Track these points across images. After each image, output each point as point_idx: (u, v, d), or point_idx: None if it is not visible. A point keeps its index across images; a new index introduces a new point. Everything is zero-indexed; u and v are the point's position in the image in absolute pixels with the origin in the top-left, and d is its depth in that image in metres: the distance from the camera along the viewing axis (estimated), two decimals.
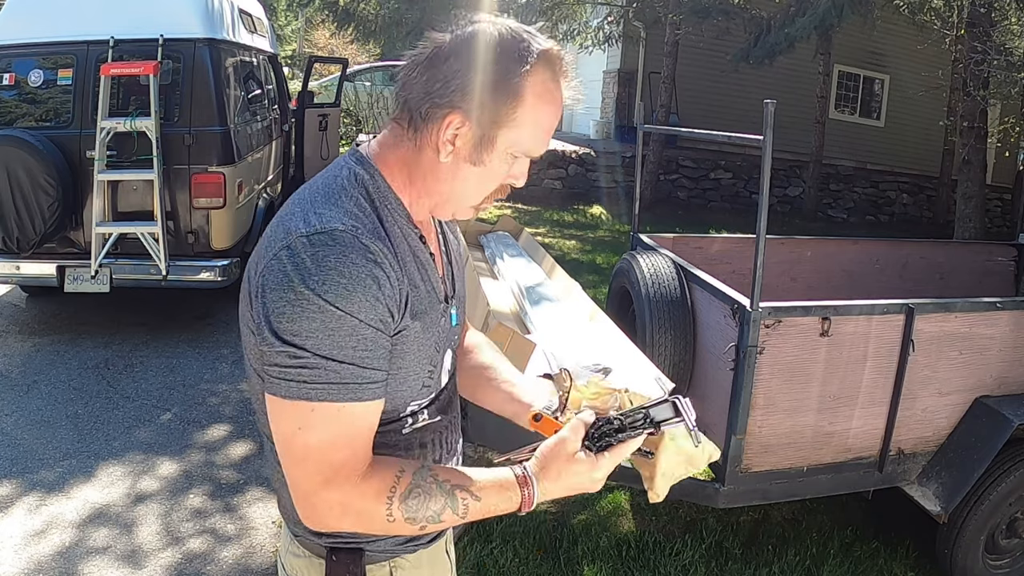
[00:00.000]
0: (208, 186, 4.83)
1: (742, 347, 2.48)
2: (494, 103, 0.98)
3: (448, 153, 1.01)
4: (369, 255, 0.95)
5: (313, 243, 0.94)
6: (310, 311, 0.92)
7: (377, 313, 0.95)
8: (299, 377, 0.93)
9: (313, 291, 0.92)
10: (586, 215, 10.73)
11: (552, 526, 3.15)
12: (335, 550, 1.11)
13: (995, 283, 4.10)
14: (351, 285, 0.93)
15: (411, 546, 1.16)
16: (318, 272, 0.92)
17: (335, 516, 0.99)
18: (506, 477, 1.03)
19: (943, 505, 2.67)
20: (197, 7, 4.91)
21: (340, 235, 0.94)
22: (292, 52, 25.51)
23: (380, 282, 0.95)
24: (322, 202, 0.99)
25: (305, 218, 0.97)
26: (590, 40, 12.08)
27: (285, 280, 0.93)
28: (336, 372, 0.94)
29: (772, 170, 2.63)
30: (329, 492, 0.97)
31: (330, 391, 0.94)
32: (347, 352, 0.94)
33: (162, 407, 4.13)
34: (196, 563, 2.88)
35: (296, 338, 0.93)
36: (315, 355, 0.93)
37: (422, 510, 0.99)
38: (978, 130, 8.03)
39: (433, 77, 0.99)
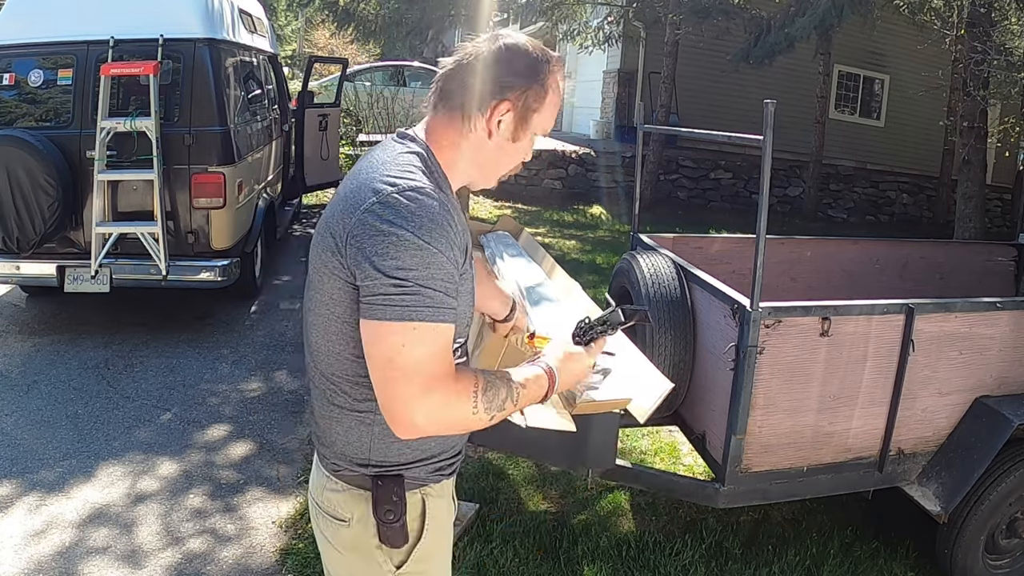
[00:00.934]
0: (208, 186, 4.83)
1: (742, 347, 2.48)
2: (533, 94, 1.29)
3: (499, 132, 1.29)
4: (445, 207, 1.19)
5: (405, 196, 1.16)
6: (411, 249, 1.13)
7: (454, 253, 1.19)
8: (403, 303, 1.14)
9: (413, 232, 1.14)
10: (586, 215, 10.73)
11: (552, 526, 3.14)
12: (380, 477, 1.30)
13: (995, 283, 4.10)
14: (439, 229, 1.16)
15: (437, 475, 1.36)
16: (414, 218, 1.14)
17: (434, 418, 1.18)
18: (538, 372, 1.33)
19: (943, 505, 2.67)
20: (197, 7, 4.91)
21: (423, 190, 1.18)
22: (292, 52, 25.52)
23: (456, 229, 1.20)
24: (395, 170, 1.21)
25: (385, 180, 1.19)
26: (590, 40, 12.07)
27: (386, 225, 1.14)
28: (431, 297, 1.15)
29: (772, 170, 2.63)
30: (430, 396, 1.16)
31: (428, 313, 1.15)
32: (438, 282, 1.16)
33: (162, 407, 4.13)
34: (196, 563, 2.88)
35: (400, 271, 1.13)
36: (416, 284, 1.14)
37: (496, 400, 1.23)
38: (978, 130, 8.03)
39: (485, 77, 1.27)
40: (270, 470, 3.58)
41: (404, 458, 1.31)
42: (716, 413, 2.71)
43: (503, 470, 3.58)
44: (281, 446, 3.80)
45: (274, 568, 2.89)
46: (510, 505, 3.30)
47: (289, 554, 2.93)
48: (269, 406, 4.22)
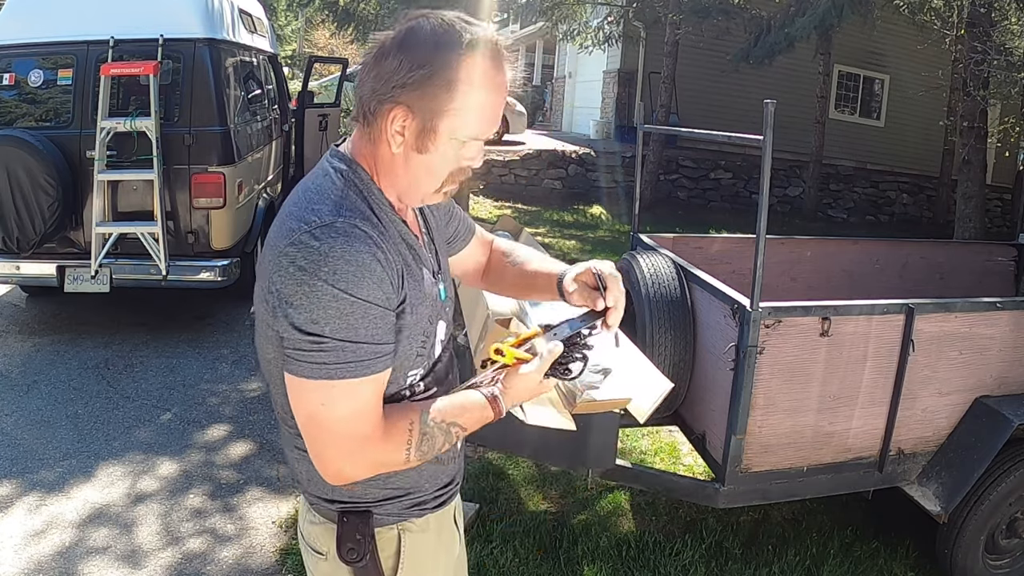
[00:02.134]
0: (208, 186, 4.83)
1: (742, 347, 2.47)
2: (431, 94, 1.06)
3: (399, 145, 1.09)
4: (369, 240, 1.05)
5: (317, 237, 1.02)
6: (325, 300, 1.01)
7: (383, 292, 1.05)
8: (320, 359, 1.03)
9: (325, 281, 1.01)
10: (586, 215, 10.73)
11: (552, 526, 3.14)
12: (345, 513, 1.21)
13: (995, 283, 4.10)
14: (359, 272, 1.02)
15: (417, 511, 1.25)
16: (327, 263, 1.01)
17: (363, 473, 1.12)
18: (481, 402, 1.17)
19: (943, 505, 2.67)
20: (197, 7, 4.91)
21: (340, 226, 1.03)
22: (292, 52, 25.52)
23: (382, 263, 1.05)
24: (317, 200, 1.08)
25: (304, 217, 1.05)
26: (590, 40, 12.08)
27: (298, 273, 1.02)
28: (353, 352, 1.04)
29: (772, 170, 2.63)
30: (360, 455, 1.09)
31: (349, 369, 1.04)
32: (362, 332, 1.04)
33: (162, 407, 4.13)
34: (196, 563, 2.88)
35: (315, 326, 1.02)
36: (334, 339, 1.02)
37: (431, 451, 1.14)
38: (978, 130, 8.03)
39: (378, 75, 1.07)
40: (270, 470, 3.58)
41: (370, 496, 1.21)
42: (716, 413, 2.71)
43: (503, 470, 3.58)
44: (281, 446, 3.79)
45: (274, 568, 2.89)
46: (510, 505, 3.30)
47: (289, 554, 2.93)
48: (269, 406, 4.19)
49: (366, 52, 1.13)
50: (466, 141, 1.11)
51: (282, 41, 22.99)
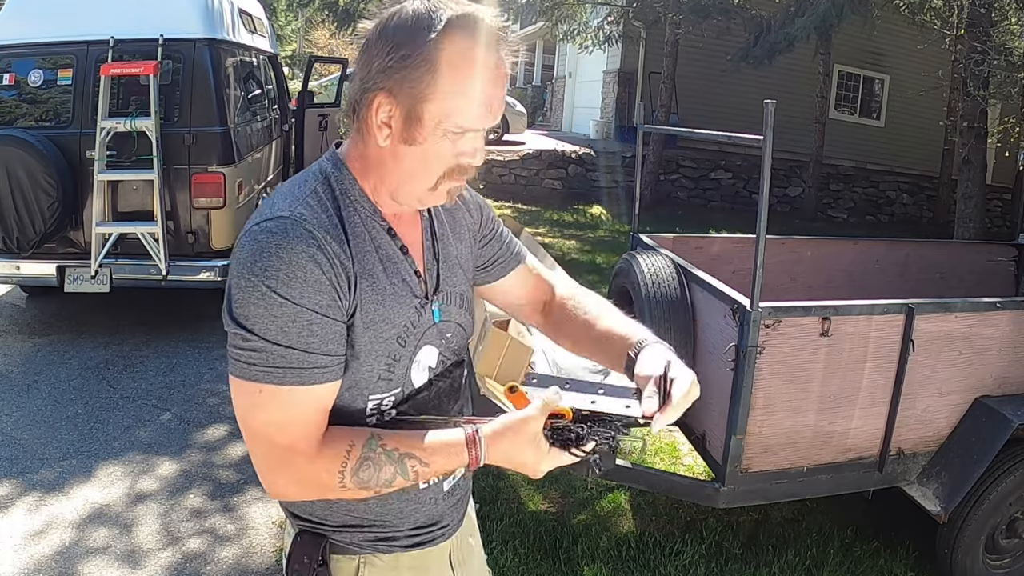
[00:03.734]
0: (208, 186, 4.83)
1: (742, 347, 2.47)
2: (412, 77, 0.98)
3: (385, 137, 1.02)
4: (312, 240, 0.97)
5: (261, 230, 0.98)
6: (255, 297, 0.96)
7: (321, 298, 0.97)
8: (249, 359, 0.97)
9: (257, 277, 0.95)
10: (586, 215, 10.73)
11: (552, 526, 3.14)
12: (303, 532, 1.13)
13: (995, 283, 4.10)
14: (291, 271, 0.95)
15: (384, 545, 1.14)
16: (261, 259, 0.96)
17: (292, 490, 1.04)
18: (456, 438, 1.02)
19: (943, 505, 2.67)
20: (197, 7, 4.91)
21: (284, 222, 0.98)
22: (292, 52, 25.52)
23: (323, 266, 0.97)
24: (285, 195, 1.04)
25: (262, 210, 1.02)
26: (590, 40, 12.08)
27: (239, 267, 0.98)
28: (282, 356, 0.97)
29: (772, 170, 2.63)
30: (283, 468, 1.00)
31: (275, 374, 0.97)
32: (291, 337, 0.96)
33: (162, 407, 4.13)
34: (195, 563, 2.88)
35: (246, 322, 0.97)
36: (261, 339, 0.96)
37: (373, 480, 1.01)
38: (978, 130, 8.03)
39: (362, 65, 1.02)
40: None
41: (329, 519, 1.12)
42: (716, 413, 2.71)
43: (503, 470, 3.58)
44: None
45: (273, 568, 2.89)
46: (510, 505, 3.30)
47: None
48: None
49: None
50: (459, 133, 1.01)
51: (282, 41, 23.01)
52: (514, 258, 1.35)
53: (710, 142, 11.25)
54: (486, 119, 1.03)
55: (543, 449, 1.01)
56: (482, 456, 1.02)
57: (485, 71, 1.00)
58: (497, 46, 1.00)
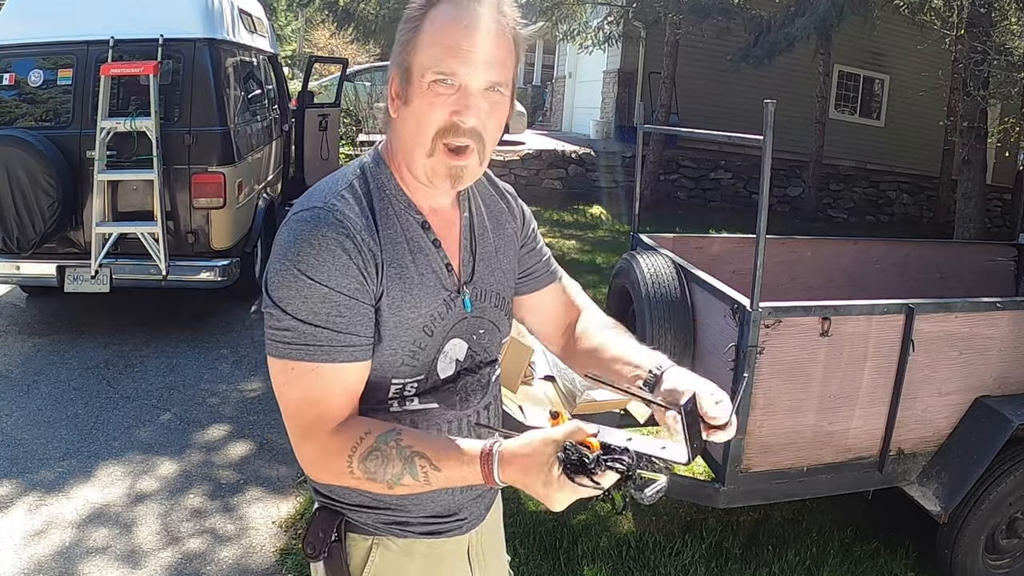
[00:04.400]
0: (208, 186, 4.83)
1: (742, 347, 2.47)
2: (405, 39, 1.07)
3: (396, 107, 1.10)
4: (341, 228, 1.04)
5: (296, 220, 1.06)
6: (288, 279, 1.03)
7: (348, 280, 1.04)
8: (283, 338, 1.04)
9: (290, 261, 1.03)
10: (586, 215, 10.73)
11: (552, 526, 3.14)
12: (322, 508, 1.20)
13: (995, 283, 4.10)
14: (320, 255, 1.02)
15: (398, 529, 1.18)
16: (294, 245, 1.03)
17: (314, 467, 1.09)
18: (471, 449, 1.01)
19: (943, 505, 2.67)
20: (197, 7, 4.91)
21: (317, 212, 1.05)
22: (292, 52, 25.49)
23: (351, 252, 1.04)
24: (323, 188, 1.11)
25: (303, 200, 1.10)
26: (590, 40, 12.08)
27: (277, 252, 1.06)
28: (312, 335, 1.03)
29: (772, 170, 2.63)
30: (306, 444, 1.06)
31: (306, 352, 1.03)
32: (320, 317, 1.03)
33: (162, 407, 4.13)
34: (195, 563, 2.88)
35: (280, 303, 1.04)
36: (293, 318, 1.03)
37: (380, 472, 1.03)
38: (978, 130, 8.03)
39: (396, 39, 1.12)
40: (270, 470, 3.58)
41: (347, 498, 1.16)
42: None
43: None
44: (281, 446, 3.79)
45: (274, 568, 2.89)
46: (510, 505, 3.29)
47: (289, 554, 2.93)
48: (269, 406, 4.21)
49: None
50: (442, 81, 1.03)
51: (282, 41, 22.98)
52: (550, 275, 1.38)
53: (710, 142, 11.24)
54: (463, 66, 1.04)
55: (553, 474, 0.94)
56: (495, 473, 0.99)
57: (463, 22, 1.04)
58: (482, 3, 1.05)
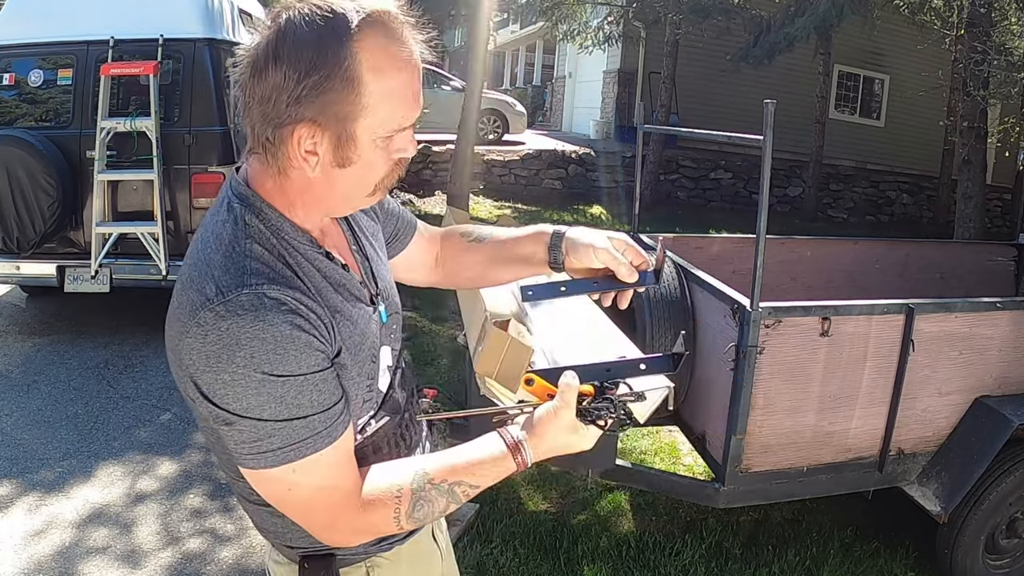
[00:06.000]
0: (208, 186, 4.83)
1: (742, 347, 2.47)
2: (335, 99, 0.88)
3: (315, 166, 0.93)
4: (283, 307, 0.89)
5: (223, 315, 0.87)
6: (251, 387, 0.88)
7: (314, 359, 0.92)
8: (271, 446, 0.91)
9: (246, 367, 0.87)
10: (586, 215, 10.73)
11: (552, 526, 3.14)
12: (307, 558, 1.10)
13: (995, 283, 4.10)
14: (279, 348, 0.88)
15: (386, 545, 1.15)
16: (241, 347, 0.87)
17: (348, 540, 1.03)
18: (499, 450, 1.01)
19: (943, 505, 2.67)
20: (197, 7, 4.91)
21: (246, 301, 0.88)
22: None
23: (304, 327, 0.90)
24: (213, 258, 0.92)
25: (202, 288, 0.90)
26: (590, 40, 12.10)
27: (211, 363, 0.88)
28: (304, 427, 0.91)
29: (772, 170, 2.63)
30: (339, 526, 0.99)
31: (305, 447, 0.92)
32: (305, 407, 0.91)
33: (162, 407, 4.13)
34: (195, 563, 2.88)
35: (250, 413, 0.89)
36: (277, 421, 0.90)
37: (429, 515, 1.00)
38: (978, 130, 8.03)
39: (263, 94, 0.89)
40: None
41: None
42: (716, 413, 2.71)
43: None
44: None
45: None
46: (510, 505, 3.30)
47: None
48: None
49: (237, 69, 0.92)
50: (391, 136, 0.94)
51: None
52: (410, 225, 1.33)
53: (710, 142, 11.24)
54: (415, 112, 0.96)
55: (581, 432, 1.02)
56: (528, 458, 1.01)
57: (406, 65, 0.92)
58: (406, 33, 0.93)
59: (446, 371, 4.71)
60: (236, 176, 1.00)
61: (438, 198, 10.16)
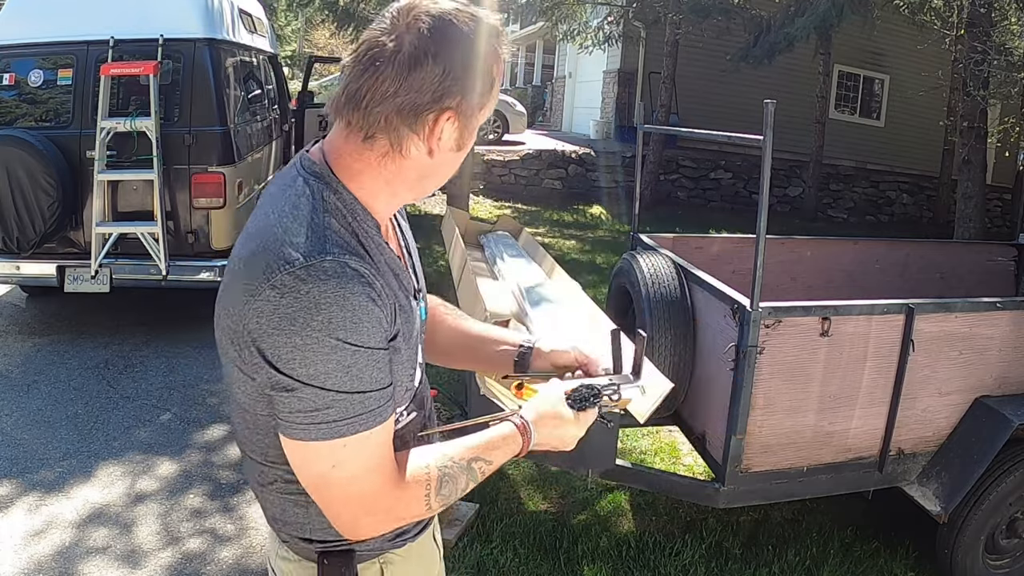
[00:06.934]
0: (208, 186, 4.83)
1: (742, 347, 2.47)
2: (476, 90, 0.99)
3: (443, 150, 1.01)
4: (362, 279, 0.92)
5: (303, 279, 0.89)
6: (322, 352, 0.90)
7: (382, 335, 0.95)
8: (327, 418, 0.92)
9: (321, 332, 0.89)
10: (586, 215, 10.74)
11: (552, 526, 3.14)
12: (326, 554, 1.11)
13: (995, 283, 4.10)
14: (356, 317, 0.91)
15: (399, 541, 1.16)
16: (320, 311, 0.89)
17: (382, 527, 1.04)
18: (509, 431, 1.09)
19: (943, 505, 2.67)
20: (197, 7, 4.91)
21: (330, 267, 0.90)
22: (292, 52, 25.51)
23: (378, 302, 0.94)
24: (292, 227, 0.94)
25: (280, 251, 0.92)
26: (590, 40, 12.09)
27: (284, 324, 0.89)
28: (362, 403, 0.94)
29: (772, 170, 2.64)
30: (376, 510, 1.00)
31: (359, 423, 0.94)
32: (367, 381, 0.93)
33: (162, 407, 4.13)
34: (195, 563, 2.88)
35: (315, 380, 0.91)
36: (339, 392, 0.92)
37: (453, 494, 1.05)
38: (978, 130, 8.03)
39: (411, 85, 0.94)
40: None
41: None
42: (716, 413, 2.71)
43: (503, 470, 3.58)
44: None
45: None
46: (510, 505, 3.30)
47: None
48: None
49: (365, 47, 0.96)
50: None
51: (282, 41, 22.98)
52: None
53: (710, 142, 11.25)
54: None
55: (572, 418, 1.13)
56: (533, 438, 1.10)
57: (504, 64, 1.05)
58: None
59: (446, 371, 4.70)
60: (307, 156, 1.04)
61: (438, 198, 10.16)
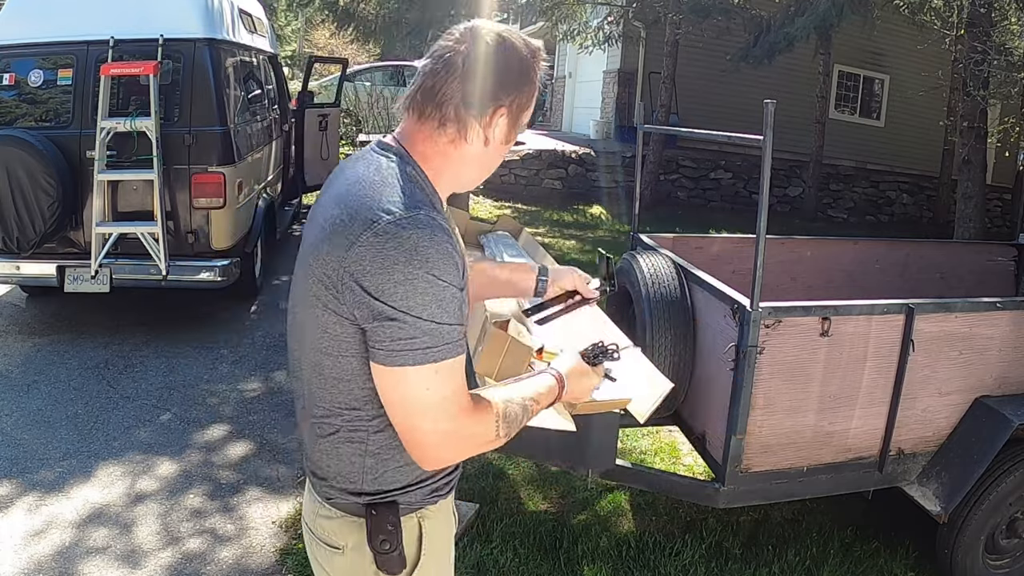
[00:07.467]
0: (208, 186, 4.83)
1: (742, 347, 2.47)
2: (528, 92, 1.25)
3: (496, 141, 1.24)
4: (446, 233, 1.12)
5: (404, 227, 1.09)
6: (420, 286, 1.08)
7: (462, 279, 1.15)
8: (422, 344, 1.09)
9: (421, 269, 1.08)
10: (586, 215, 10.74)
11: (552, 526, 3.14)
12: (373, 505, 1.24)
13: (995, 283, 4.10)
14: (446, 259, 1.10)
15: (434, 497, 1.30)
16: (419, 252, 1.08)
17: (461, 451, 1.19)
18: (551, 383, 1.31)
19: (943, 505, 2.67)
20: (197, 7, 4.91)
21: (424, 218, 1.11)
22: (292, 52, 25.50)
23: (457, 252, 1.14)
24: (385, 192, 1.14)
25: (381, 206, 1.11)
26: (590, 40, 12.08)
27: (388, 263, 1.08)
28: (449, 333, 1.11)
29: (772, 170, 2.63)
30: (457, 433, 1.15)
31: (448, 350, 1.11)
32: (452, 315, 1.12)
33: (162, 407, 4.13)
34: (195, 563, 2.88)
35: (413, 311, 1.08)
36: (432, 322, 1.09)
37: (513, 427, 1.22)
38: (978, 130, 8.03)
39: (481, 83, 1.19)
40: (269, 470, 3.58)
41: (397, 484, 1.25)
42: (716, 413, 2.71)
43: (503, 470, 3.58)
44: (281, 446, 3.80)
45: (274, 568, 2.88)
46: (510, 505, 3.30)
47: (288, 554, 2.93)
48: (269, 406, 4.22)
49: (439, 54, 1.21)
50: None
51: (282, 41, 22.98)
52: None
53: (710, 142, 11.24)
54: None
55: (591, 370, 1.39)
56: (567, 388, 1.33)
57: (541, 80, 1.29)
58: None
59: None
60: (383, 141, 1.25)
61: None
